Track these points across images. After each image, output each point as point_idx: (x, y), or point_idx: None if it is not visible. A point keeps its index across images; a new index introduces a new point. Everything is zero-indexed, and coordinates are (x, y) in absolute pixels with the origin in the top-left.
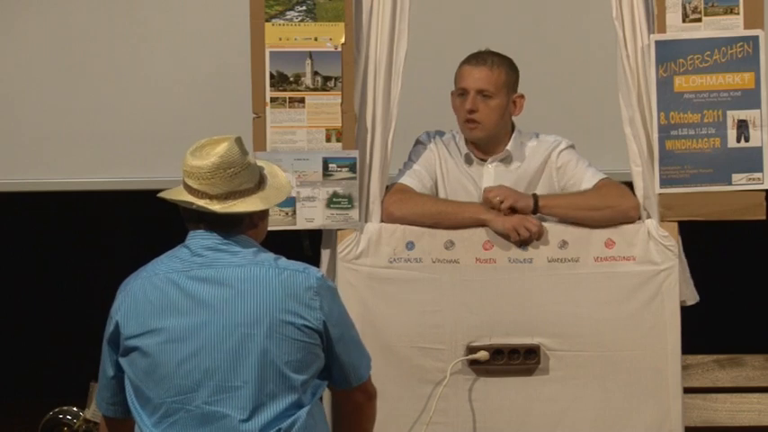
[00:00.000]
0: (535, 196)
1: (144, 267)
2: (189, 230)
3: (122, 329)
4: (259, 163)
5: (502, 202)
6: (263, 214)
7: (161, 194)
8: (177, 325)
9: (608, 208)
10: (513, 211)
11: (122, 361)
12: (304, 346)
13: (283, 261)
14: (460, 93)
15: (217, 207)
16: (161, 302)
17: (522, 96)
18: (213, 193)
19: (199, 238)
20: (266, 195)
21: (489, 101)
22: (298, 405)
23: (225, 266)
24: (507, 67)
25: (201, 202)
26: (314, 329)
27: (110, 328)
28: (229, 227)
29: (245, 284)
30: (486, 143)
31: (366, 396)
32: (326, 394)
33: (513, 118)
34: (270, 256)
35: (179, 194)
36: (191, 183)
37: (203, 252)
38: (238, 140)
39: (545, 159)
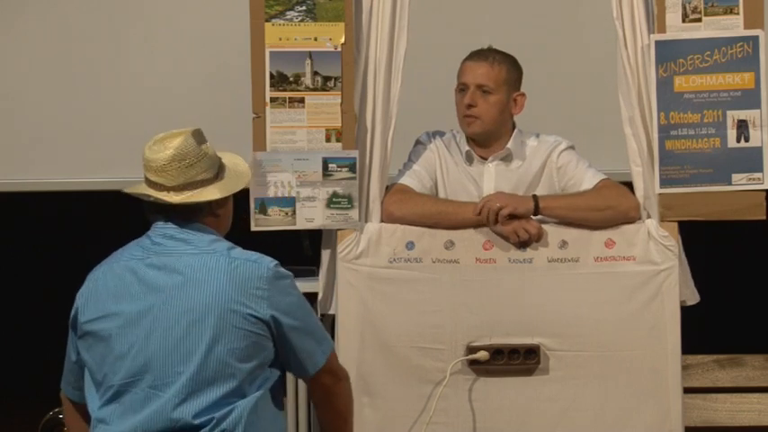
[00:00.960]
0: (535, 198)
1: (112, 254)
2: (151, 222)
3: (80, 314)
4: (220, 154)
5: (501, 209)
6: (223, 202)
7: (125, 190)
8: (130, 310)
9: (608, 208)
10: (513, 217)
11: (80, 344)
12: (248, 335)
13: (237, 251)
14: (461, 88)
15: (173, 198)
16: (117, 288)
17: (523, 95)
18: (170, 185)
19: (158, 228)
20: (224, 184)
21: (489, 96)
22: (238, 394)
23: (179, 255)
24: (509, 64)
25: (159, 194)
26: (260, 320)
27: (72, 312)
28: (188, 216)
29: (195, 273)
30: (484, 139)
31: (334, 378)
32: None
33: (515, 118)
34: (225, 245)
35: (139, 188)
36: (149, 175)
37: (161, 241)
38: (196, 133)
39: (545, 160)
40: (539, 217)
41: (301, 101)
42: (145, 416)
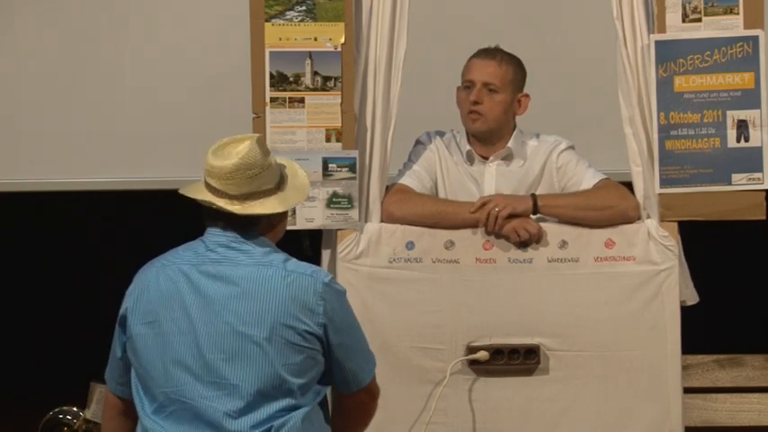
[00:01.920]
0: (534, 197)
1: (163, 255)
2: (207, 227)
3: (130, 315)
4: (280, 161)
5: (500, 212)
6: (282, 216)
7: (181, 191)
8: (181, 318)
9: (608, 208)
10: (512, 216)
11: (128, 346)
12: (303, 350)
13: (292, 263)
14: (467, 85)
15: (236, 208)
16: (170, 293)
17: (527, 96)
18: (233, 194)
19: (215, 235)
20: (285, 197)
21: (494, 95)
22: (293, 408)
23: (234, 265)
24: (515, 65)
25: (221, 203)
26: (314, 335)
27: (121, 310)
28: (247, 227)
29: (251, 285)
30: (487, 138)
31: (370, 396)
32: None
33: (516, 118)
34: (280, 257)
35: (199, 192)
36: (211, 182)
37: (216, 248)
38: (260, 140)
39: (546, 160)
40: (538, 216)
41: (301, 101)
42: (198, 427)
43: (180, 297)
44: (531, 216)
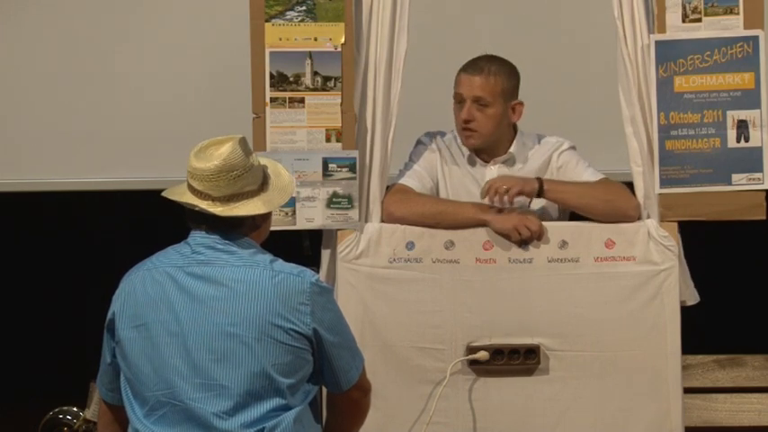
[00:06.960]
0: (540, 180)
1: (148, 259)
2: (191, 229)
3: (117, 320)
4: (262, 161)
5: (508, 190)
6: (266, 216)
7: (164, 193)
8: (169, 320)
9: (609, 201)
10: (520, 195)
11: (117, 350)
12: (292, 350)
13: (279, 264)
14: (458, 99)
15: (219, 210)
16: (157, 296)
17: (521, 103)
18: (216, 195)
19: (199, 237)
20: (269, 197)
21: (486, 109)
22: (284, 408)
23: (221, 266)
24: (506, 74)
25: (204, 205)
26: (303, 334)
27: (108, 315)
28: (231, 228)
29: (238, 285)
30: (483, 150)
31: (361, 392)
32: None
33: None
34: (267, 257)
35: (182, 195)
36: (194, 184)
37: (202, 250)
38: (242, 141)
39: (546, 161)
40: (540, 209)
41: (301, 101)
42: (189, 429)
43: (167, 299)
44: (536, 199)
